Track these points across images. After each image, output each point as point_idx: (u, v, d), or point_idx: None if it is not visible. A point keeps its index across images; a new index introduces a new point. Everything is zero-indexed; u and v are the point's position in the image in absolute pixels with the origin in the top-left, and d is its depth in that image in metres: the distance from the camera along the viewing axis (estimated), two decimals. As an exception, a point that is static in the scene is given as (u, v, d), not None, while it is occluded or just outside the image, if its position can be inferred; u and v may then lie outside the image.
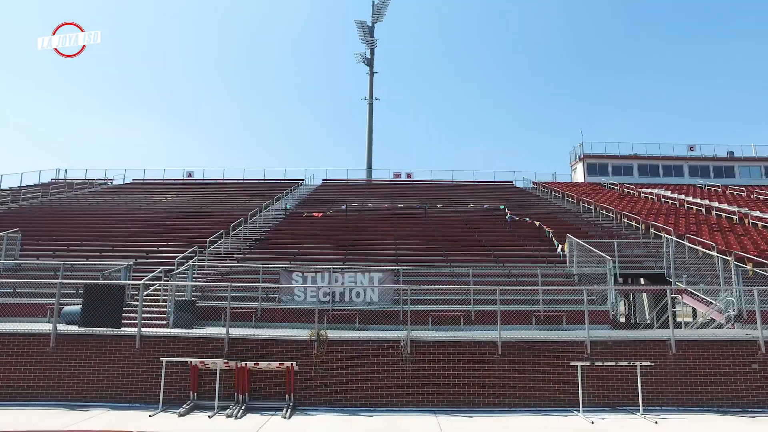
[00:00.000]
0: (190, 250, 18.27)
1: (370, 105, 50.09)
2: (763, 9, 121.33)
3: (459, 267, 17.08)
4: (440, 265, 17.82)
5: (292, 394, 10.52)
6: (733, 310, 14.15)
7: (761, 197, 36.07)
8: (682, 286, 16.11)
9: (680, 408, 10.65)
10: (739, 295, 14.07)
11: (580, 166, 44.50)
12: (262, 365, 10.44)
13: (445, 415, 10.15)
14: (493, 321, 11.68)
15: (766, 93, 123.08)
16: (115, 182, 40.78)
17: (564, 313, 13.71)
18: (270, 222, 25.57)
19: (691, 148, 44.20)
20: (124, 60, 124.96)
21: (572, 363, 10.55)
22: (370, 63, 51.05)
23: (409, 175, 43.62)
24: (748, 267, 16.80)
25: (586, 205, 31.63)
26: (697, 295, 15.22)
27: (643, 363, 10.50)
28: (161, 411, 9.92)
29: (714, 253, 18.62)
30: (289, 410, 10.03)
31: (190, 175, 42.72)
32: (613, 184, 40.73)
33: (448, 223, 25.33)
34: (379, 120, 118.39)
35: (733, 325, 13.56)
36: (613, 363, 10.59)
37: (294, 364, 10.55)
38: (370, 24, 51.06)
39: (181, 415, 9.71)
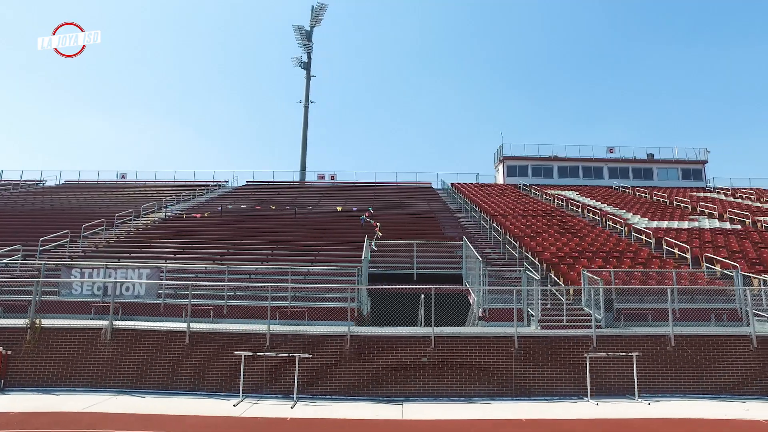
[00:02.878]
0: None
1: (306, 108, 51.62)
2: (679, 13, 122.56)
3: (265, 266, 18.46)
4: (258, 264, 19.14)
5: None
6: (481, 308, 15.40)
7: (661, 200, 36.90)
8: (467, 286, 17.31)
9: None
10: (485, 295, 15.33)
11: (501, 168, 45.48)
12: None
13: (125, 396, 11.58)
14: (247, 315, 13.19)
15: (685, 97, 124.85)
16: (47, 183, 42.66)
17: (307, 310, 14.97)
18: (150, 222, 27.05)
19: (611, 150, 45.00)
20: (124, 60, 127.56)
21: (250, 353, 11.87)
22: (307, 67, 52.46)
23: (332, 177, 44.93)
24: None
25: (475, 207, 32.74)
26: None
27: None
28: None
29: (516, 255, 19.79)
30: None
31: (123, 176, 44.45)
32: (526, 185, 41.70)
33: (314, 223, 26.60)
34: (318, 122, 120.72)
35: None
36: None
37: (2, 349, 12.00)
38: (308, 29, 52.46)
39: None
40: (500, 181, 45.42)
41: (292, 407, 10.89)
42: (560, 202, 34.02)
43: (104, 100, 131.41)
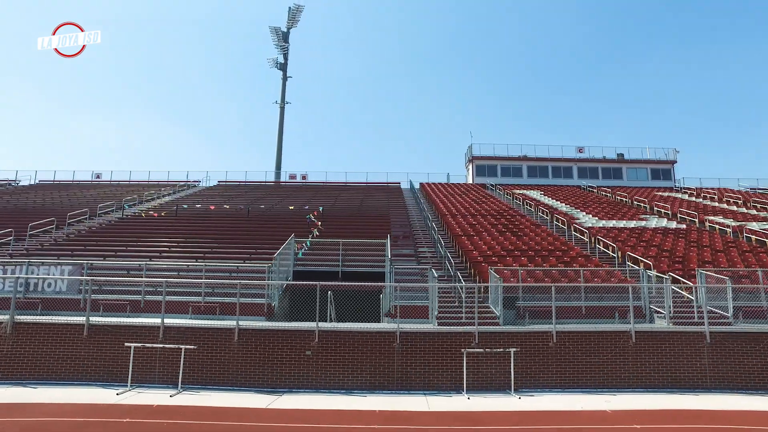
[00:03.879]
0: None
1: (282, 108, 52.12)
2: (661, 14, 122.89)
3: (199, 263, 18.99)
4: (192, 261, 19.65)
5: None
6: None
7: (623, 200, 37.21)
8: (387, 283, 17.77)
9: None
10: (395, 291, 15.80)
11: (471, 168, 45.86)
12: None
13: (20, 387, 12.11)
14: (167, 310, 13.46)
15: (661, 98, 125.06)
16: (21, 183, 43.38)
17: (218, 305, 15.47)
18: (105, 222, 27.62)
19: (580, 150, 45.29)
20: (123, 60, 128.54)
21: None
22: (283, 68, 52.96)
23: (304, 177, 45.46)
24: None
25: (433, 206, 33.18)
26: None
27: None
28: None
29: (443, 253, 20.21)
30: None
31: (98, 176, 45.11)
32: (494, 185, 42.06)
33: (262, 223, 27.08)
34: (295, 122, 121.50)
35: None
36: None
37: None
38: (285, 30, 52.96)
39: None
40: (470, 181, 45.80)
41: (171, 396, 11.39)
42: (519, 202, 34.39)
43: (97, 99, 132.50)
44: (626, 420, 9.93)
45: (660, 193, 40.13)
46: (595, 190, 41.00)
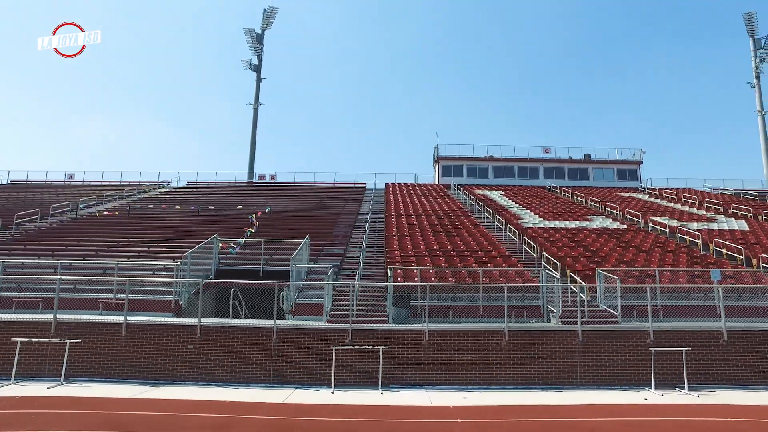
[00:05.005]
0: None
1: (255, 110, 52.75)
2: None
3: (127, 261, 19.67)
4: (125, 259, 20.29)
5: None
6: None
7: (581, 200, 37.61)
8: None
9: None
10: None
11: (437, 168, 46.34)
12: None
13: None
14: (83, 306, 14.49)
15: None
16: (-4, 182, 44.38)
17: (126, 302, 16.05)
18: (58, 222, 28.35)
19: (546, 151, 45.68)
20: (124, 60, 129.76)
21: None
22: (257, 69, 53.61)
23: (273, 177, 46.13)
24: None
25: (388, 206, 33.73)
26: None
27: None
28: None
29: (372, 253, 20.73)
30: None
31: (71, 177, 45.95)
32: (458, 185, 42.52)
33: (208, 221, 27.69)
34: (273, 122, 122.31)
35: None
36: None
37: None
38: (259, 32, 53.61)
39: None
40: (437, 181, 46.29)
41: (49, 388, 11.99)
42: (473, 202, 34.85)
43: (86, 98, 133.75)
44: (457, 415, 10.40)
45: (621, 194, 40.48)
46: (557, 191, 41.41)
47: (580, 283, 16.96)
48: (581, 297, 16.85)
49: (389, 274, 19.60)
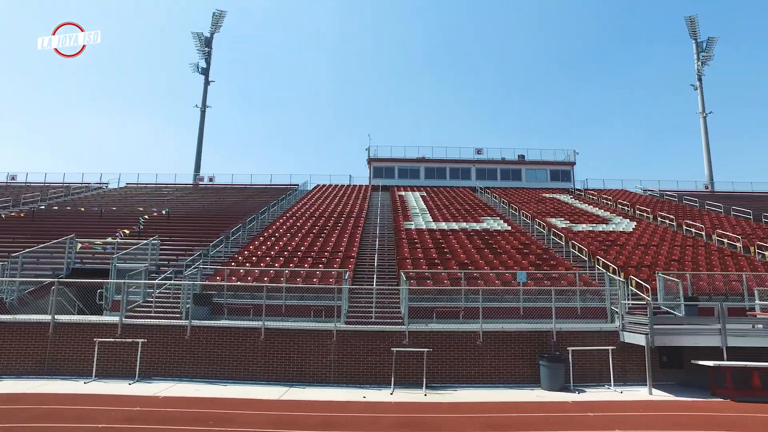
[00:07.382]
0: None
1: (203, 112, 53.80)
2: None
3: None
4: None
5: None
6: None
7: (502, 202, 38.03)
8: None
9: None
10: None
11: (370, 169, 46.96)
12: None
13: None
14: None
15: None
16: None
17: None
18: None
19: (479, 152, 46.05)
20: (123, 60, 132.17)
21: None
22: (205, 72, 54.69)
23: (211, 179, 47.23)
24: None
25: (293, 206, 34.54)
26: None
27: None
28: None
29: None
30: None
31: (13, 178, 47.46)
32: (385, 186, 43.14)
33: (104, 221, 28.76)
34: (224, 124, 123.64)
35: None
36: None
37: None
38: (208, 35, 54.71)
39: None
40: (369, 182, 46.93)
41: None
42: (388, 202, 35.49)
43: (77, 95, 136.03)
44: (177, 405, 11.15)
45: (547, 195, 40.76)
46: (481, 191, 41.82)
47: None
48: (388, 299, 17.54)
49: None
